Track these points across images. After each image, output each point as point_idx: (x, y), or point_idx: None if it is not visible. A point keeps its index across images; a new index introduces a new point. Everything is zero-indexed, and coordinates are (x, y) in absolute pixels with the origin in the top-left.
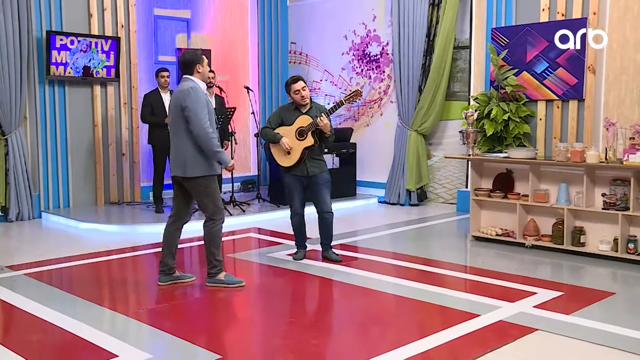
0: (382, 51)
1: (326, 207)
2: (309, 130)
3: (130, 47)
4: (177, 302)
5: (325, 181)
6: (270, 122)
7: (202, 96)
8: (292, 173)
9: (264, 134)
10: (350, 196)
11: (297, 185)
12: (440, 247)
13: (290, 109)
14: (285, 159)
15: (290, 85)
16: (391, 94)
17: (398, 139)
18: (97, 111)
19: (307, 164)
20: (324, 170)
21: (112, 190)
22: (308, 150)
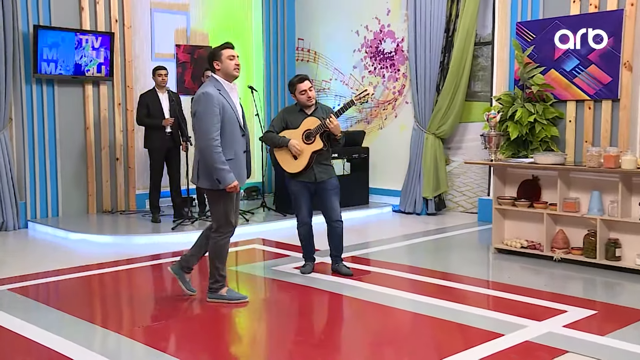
0: (396, 48)
1: (335, 215)
2: (317, 133)
3: (125, 44)
4: (175, 320)
5: (334, 187)
6: (274, 125)
7: (215, 102)
8: (299, 180)
9: (267, 138)
10: (362, 205)
11: (304, 192)
12: (460, 260)
13: (294, 111)
14: (292, 165)
15: (296, 85)
16: (406, 95)
17: (414, 143)
18: (89, 112)
19: (315, 170)
20: (332, 176)
21: (105, 198)
22: (316, 155)
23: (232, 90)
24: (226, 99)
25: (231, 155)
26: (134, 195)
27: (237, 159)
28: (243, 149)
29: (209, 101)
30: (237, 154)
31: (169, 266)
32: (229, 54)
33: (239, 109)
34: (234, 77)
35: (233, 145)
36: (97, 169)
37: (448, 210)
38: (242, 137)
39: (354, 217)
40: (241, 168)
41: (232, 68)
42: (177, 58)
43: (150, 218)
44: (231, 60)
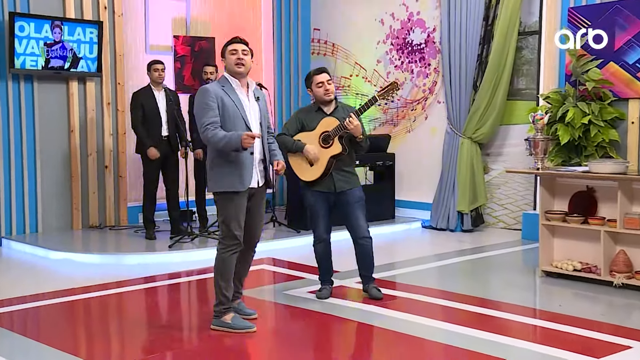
0: (427, 39)
1: (362, 231)
2: (335, 135)
3: (116, 34)
4: (171, 352)
5: (358, 199)
6: (288, 128)
7: (210, 95)
8: (316, 189)
9: (280, 142)
10: (388, 220)
11: (321, 204)
12: (502, 285)
13: (311, 111)
14: (308, 172)
15: (313, 77)
16: (439, 93)
17: (447, 148)
18: (74, 113)
19: (335, 178)
20: (355, 186)
21: (92, 212)
22: (335, 160)
23: (239, 87)
24: (229, 95)
25: (230, 156)
26: (125, 208)
27: (240, 160)
28: (250, 150)
29: (203, 95)
30: (240, 155)
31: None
32: (230, 49)
33: (250, 108)
34: (237, 74)
35: None
36: (83, 178)
37: (487, 226)
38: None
39: (378, 234)
40: (245, 171)
41: (233, 63)
42: (175, 51)
43: (144, 234)
44: (232, 55)
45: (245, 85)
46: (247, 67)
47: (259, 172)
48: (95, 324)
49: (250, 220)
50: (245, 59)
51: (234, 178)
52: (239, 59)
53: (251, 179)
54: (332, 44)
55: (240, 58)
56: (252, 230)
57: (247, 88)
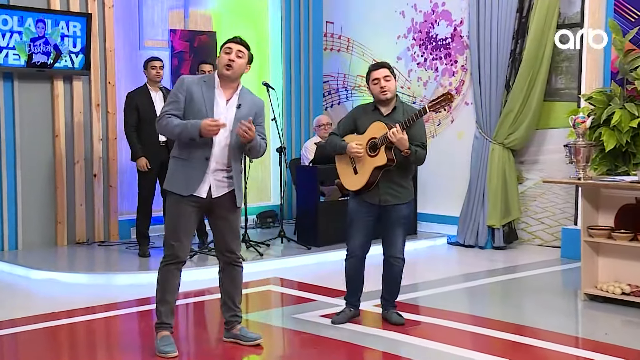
0: (454, 33)
1: (396, 250)
2: (382, 144)
3: (106, 28)
4: None
5: (402, 217)
6: (340, 126)
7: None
8: (363, 199)
9: (327, 143)
10: (410, 235)
11: (363, 215)
12: (539, 309)
13: (367, 111)
14: (351, 180)
15: (370, 73)
16: (466, 93)
17: (476, 155)
18: (59, 116)
19: (381, 189)
20: (404, 201)
21: (79, 226)
22: (382, 171)
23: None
24: (203, 91)
25: (185, 155)
26: (116, 222)
27: (191, 163)
28: (205, 156)
29: (176, 85)
30: (193, 156)
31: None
32: (226, 47)
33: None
34: (224, 76)
35: (190, 145)
36: (69, 189)
37: (521, 243)
38: (210, 142)
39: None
40: (193, 176)
41: (222, 63)
42: (173, 47)
43: (136, 251)
44: (225, 55)
45: (232, 90)
46: (235, 71)
47: (214, 183)
48: (81, 353)
49: (218, 234)
50: (237, 61)
51: (180, 179)
52: (230, 60)
53: (198, 186)
54: (347, 38)
55: (232, 60)
56: (223, 244)
57: (232, 93)
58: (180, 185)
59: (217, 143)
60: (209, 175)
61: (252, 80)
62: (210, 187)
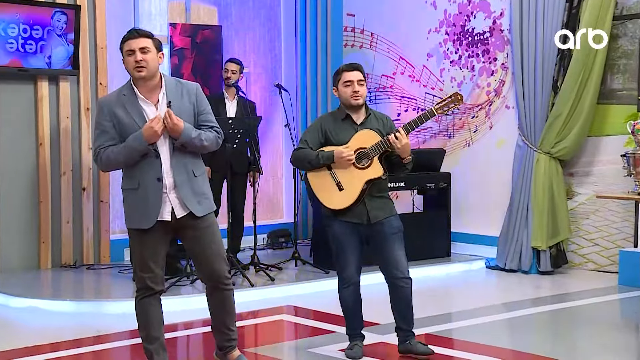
0: (493, 27)
1: (401, 269)
2: (376, 154)
3: (97, 22)
4: None
5: (396, 230)
6: (307, 140)
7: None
8: (344, 219)
9: (299, 158)
10: (441, 258)
11: (351, 238)
12: (593, 345)
13: (337, 120)
14: (336, 197)
15: (342, 74)
16: (507, 95)
17: (518, 166)
18: (43, 121)
19: (368, 205)
20: (392, 213)
21: (65, 247)
22: (370, 185)
23: (145, 94)
24: (127, 109)
25: (134, 184)
26: (108, 242)
27: (144, 190)
28: (157, 176)
29: (97, 112)
30: (144, 183)
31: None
32: (126, 49)
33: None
34: (139, 80)
35: (136, 170)
36: (54, 204)
37: (571, 267)
38: (156, 160)
39: (429, 277)
40: (150, 204)
41: (131, 67)
42: (172, 43)
43: (130, 275)
44: (129, 57)
45: (155, 89)
46: (150, 69)
47: (175, 201)
48: None
49: (196, 257)
50: (147, 57)
51: (138, 212)
52: (137, 60)
53: (158, 212)
54: (371, 33)
55: (139, 60)
56: (205, 266)
57: (157, 92)
58: (141, 218)
59: (162, 156)
60: (167, 195)
61: (263, 81)
62: (172, 208)
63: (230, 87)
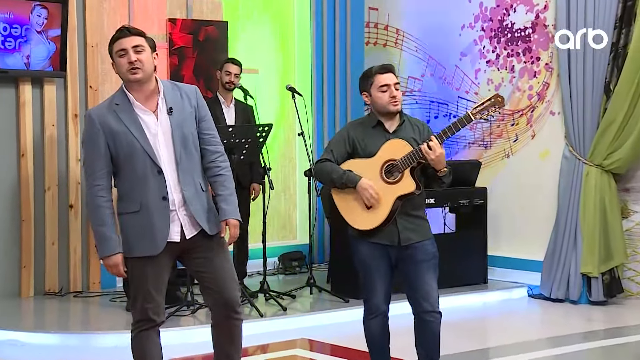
0: (535, 21)
1: (431, 302)
2: (407, 166)
3: (86, 18)
4: None
5: (430, 256)
6: (333, 150)
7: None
8: (373, 240)
9: (321, 172)
10: (477, 285)
11: (380, 262)
12: None
13: (367, 127)
14: (363, 217)
15: (375, 77)
16: (552, 100)
17: (565, 180)
18: (26, 129)
19: (400, 225)
20: (427, 237)
21: (50, 272)
22: (402, 202)
23: (141, 101)
24: (122, 119)
25: (135, 206)
26: (98, 266)
27: (146, 212)
28: (162, 194)
29: (85, 128)
30: (146, 204)
31: None
32: (117, 49)
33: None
34: (133, 83)
35: (136, 191)
36: (38, 223)
37: (627, 296)
38: (159, 176)
39: (463, 307)
40: (157, 227)
41: (124, 69)
42: (171, 41)
43: (124, 304)
44: (121, 58)
45: (152, 94)
46: (146, 69)
47: (184, 219)
48: None
49: (206, 282)
50: (142, 57)
51: (141, 239)
52: (131, 61)
53: (167, 234)
54: (396, 29)
55: (133, 60)
56: (217, 290)
57: (154, 98)
58: (146, 244)
59: (166, 171)
60: (176, 213)
61: (273, 83)
62: (182, 226)
63: (228, 92)
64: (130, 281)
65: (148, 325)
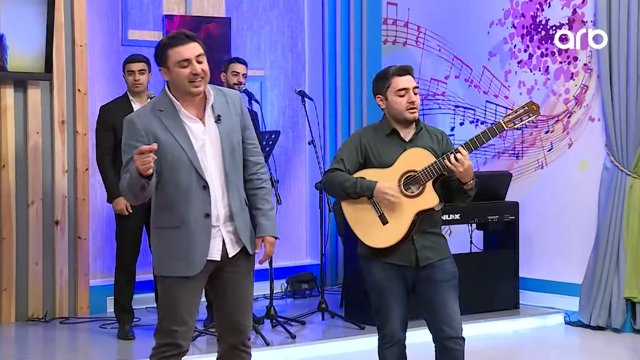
0: (572, 17)
1: (454, 327)
2: (429, 178)
3: (75, 15)
4: None
5: (450, 276)
6: (343, 159)
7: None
8: (388, 260)
9: (331, 182)
10: (508, 311)
11: (395, 285)
12: None
13: (380, 134)
14: (378, 233)
15: (391, 79)
16: (591, 105)
17: (606, 194)
18: (7, 137)
19: (417, 244)
20: (445, 255)
21: (34, 296)
22: (421, 217)
23: (188, 109)
24: (167, 127)
25: (175, 222)
26: (87, 290)
27: (187, 228)
28: (205, 212)
29: (126, 130)
30: (187, 219)
31: None
32: (178, 58)
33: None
34: (192, 95)
35: (177, 205)
36: (20, 241)
37: None
38: (203, 191)
39: (492, 335)
40: (197, 245)
41: (186, 80)
42: None
43: (115, 331)
44: (184, 69)
45: (201, 100)
46: (206, 83)
47: (228, 237)
48: None
49: (226, 306)
50: (205, 68)
51: (178, 257)
52: (196, 74)
53: (207, 253)
54: (417, 27)
55: (198, 72)
56: (233, 319)
57: (201, 104)
58: (184, 263)
59: (212, 184)
60: (220, 229)
61: (282, 86)
62: (224, 243)
63: None
64: (160, 301)
65: (172, 352)
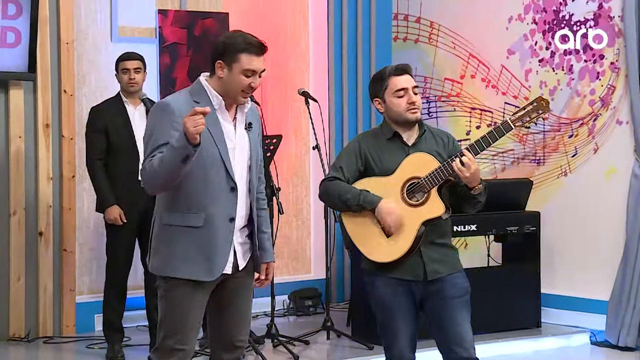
0: (598, 12)
1: (465, 347)
2: (434, 185)
3: (60, 10)
4: None
5: (461, 292)
6: (342, 167)
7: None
8: (392, 275)
9: (330, 193)
10: (529, 329)
11: (402, 301)
12: None
13: (381, 139)
14: (381, 246)
15: (388, 80)
16: (619, 106)
17: (636, 203)
18: None
19: (424, 256)
20: (456, 269)
21: (15, 313)
22: (427, 227)
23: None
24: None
25: (199, 221)
26: (73, 307)
27: (211, 230)
28: (230, 215)
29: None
30: (212, 220)
31: None
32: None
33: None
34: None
35: (203, 203)
36: (1, 254)
37: None
38: (231, 193)
39: (512, 355)
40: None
41: (239, 89)
42: (162, 37)
43: (103, 351)
44: (246, 78)
45: (233, 105)
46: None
47: (240, 248)
48: None
49: (225, 321)
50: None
51: (196, 259)
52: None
53: (227, 259)
54: (430, 22)
55: (254, 88)
56: (231, 334)
57: (235, 109)
58: (202, 266)
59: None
60: (236, 239)
61: (283, 87)
62: (235, 255)
63: None
64: (165, 314)
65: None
